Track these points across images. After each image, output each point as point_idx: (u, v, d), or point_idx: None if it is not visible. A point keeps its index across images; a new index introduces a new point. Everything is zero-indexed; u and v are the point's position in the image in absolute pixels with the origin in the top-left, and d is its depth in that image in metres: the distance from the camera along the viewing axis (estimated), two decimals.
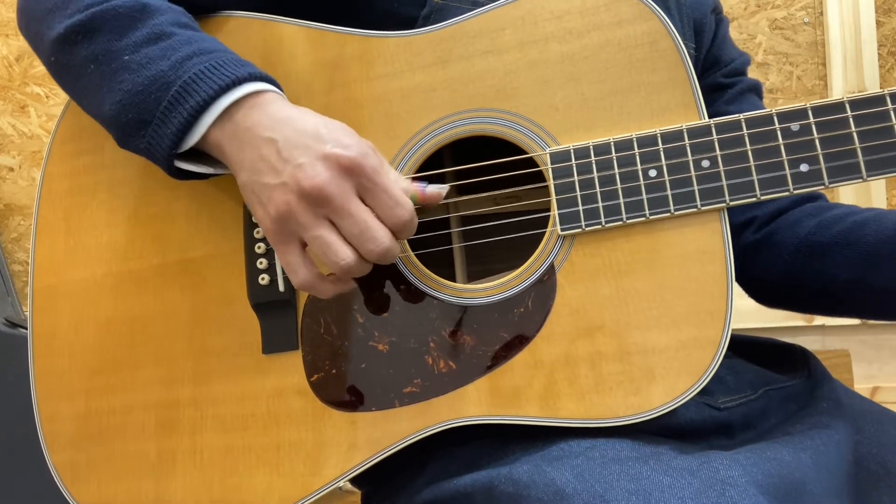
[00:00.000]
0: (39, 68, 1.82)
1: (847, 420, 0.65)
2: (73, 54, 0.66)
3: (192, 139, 0.63)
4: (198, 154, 0.66)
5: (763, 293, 0.86)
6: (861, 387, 1.57)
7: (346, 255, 0.58)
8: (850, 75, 1.60)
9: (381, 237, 0.58)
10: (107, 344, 0.73)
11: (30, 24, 0.70)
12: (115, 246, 0.75)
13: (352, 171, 0.58)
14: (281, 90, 0.65)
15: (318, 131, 0.59)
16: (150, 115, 0.63)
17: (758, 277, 0.83)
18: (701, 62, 0.85)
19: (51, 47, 0.67)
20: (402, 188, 0.61)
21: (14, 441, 1.33)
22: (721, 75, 0.85)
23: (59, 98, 1.82)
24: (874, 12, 1.59)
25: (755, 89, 0.88)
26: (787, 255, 0.78)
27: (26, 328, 0.76)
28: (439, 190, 0.63)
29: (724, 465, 0.54)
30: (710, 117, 0.63)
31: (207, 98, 0.61)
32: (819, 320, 1.61)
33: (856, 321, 1.60)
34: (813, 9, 1.63)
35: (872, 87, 1.59)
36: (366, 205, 0.59)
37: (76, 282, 0.75)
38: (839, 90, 1.60)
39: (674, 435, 0.65)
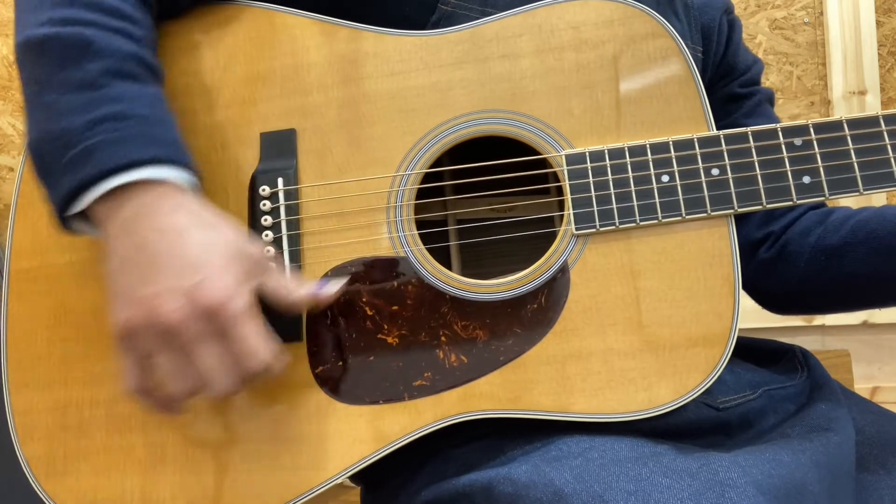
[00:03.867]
0: None
1: (847, 422, 0.68)
2: (24, 66, 0.64)
3: (78, 207, 0.61)
4: None
5: (781, 304, 0.88)
6: (861, 387, 1.57)
7: (181, 389, 0.57)
8: (850, 75, 1.61)
9: (218, 386, 0.57)
10: (91, 331, 0.69)
11: (14, 8, 0.67)
12: None
13: (211, 315, 0.56)
14: (192, 172, 0.63)
15: (197, 258, 0.57)
16: (51, 169, 0.61)
17: (776, 290, 0.86)
18: (712, 67, 0.87)
19: (16, 48, 0.65)
20: (297, 297, 0.62)
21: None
22: (737, 85, 0.88)
23: None
24: (874, 12, 1.61)
25: (769, 99, 0.91)
26: (802, 264, 0.80)
27: None
28: (335, 288, 0.65)
29: (724, 466, 0.55)
30: (726, 129, 0.66)
31: (95, 174, 0.59)
32: (819, 320, 1.60)
33: (856, 321, 1.61)
34: (813, 9, 1.64)
35: (872, 88, 1.61)
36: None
37: (58, 265, 0.71)
38: (839, 90, 1.61)
39: (671, 435, 0.66)
